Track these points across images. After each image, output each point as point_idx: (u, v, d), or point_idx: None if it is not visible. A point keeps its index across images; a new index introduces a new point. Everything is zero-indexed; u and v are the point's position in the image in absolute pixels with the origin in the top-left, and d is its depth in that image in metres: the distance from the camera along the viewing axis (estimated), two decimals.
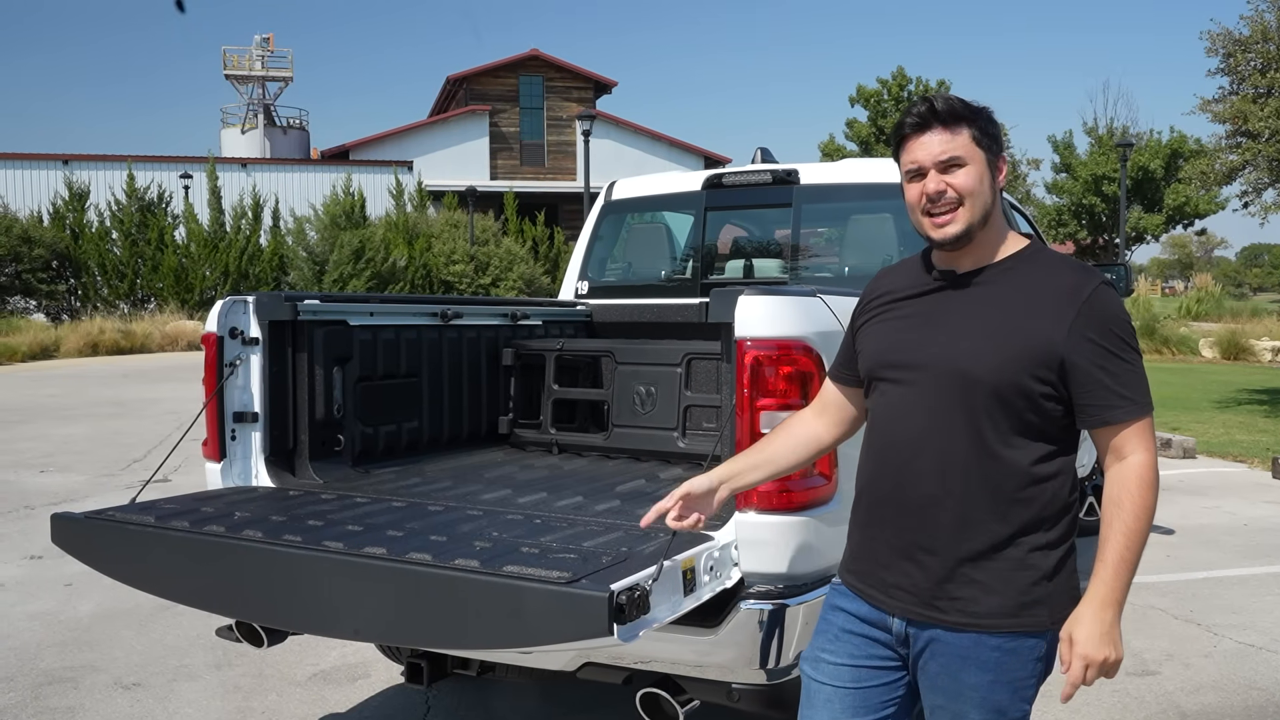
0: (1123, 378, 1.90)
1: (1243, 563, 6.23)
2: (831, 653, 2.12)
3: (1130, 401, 1.90)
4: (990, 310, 1.97)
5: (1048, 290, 1.94)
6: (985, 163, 1.99)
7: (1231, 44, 12.54)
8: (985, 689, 1.96)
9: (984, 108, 2.02)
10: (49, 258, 26.84)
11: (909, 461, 2.00)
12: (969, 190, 1.97)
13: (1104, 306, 1.92)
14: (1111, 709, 4.05)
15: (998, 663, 1.95)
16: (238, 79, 41.10)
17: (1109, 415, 1.91)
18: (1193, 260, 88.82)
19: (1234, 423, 12.11)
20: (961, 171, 1.97)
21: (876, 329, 2.13)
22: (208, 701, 4.13)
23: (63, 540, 3.01)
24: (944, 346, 1.98)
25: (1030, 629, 1.95)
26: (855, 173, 4.88)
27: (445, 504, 3.19)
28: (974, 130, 1.98)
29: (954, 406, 1.95)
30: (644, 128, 37.16)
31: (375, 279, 26.00)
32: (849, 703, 2.08)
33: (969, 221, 1.97)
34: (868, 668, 2.08)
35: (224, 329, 3.46)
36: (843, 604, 2.15)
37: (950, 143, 1.97)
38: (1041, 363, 1.90)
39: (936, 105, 1.98)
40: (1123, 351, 1.91)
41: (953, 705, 2.00)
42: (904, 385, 2.03)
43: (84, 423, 11.98)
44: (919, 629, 2.02)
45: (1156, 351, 22.38)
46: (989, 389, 1.92)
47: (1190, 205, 34.92)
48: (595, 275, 5.38)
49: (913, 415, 2.01)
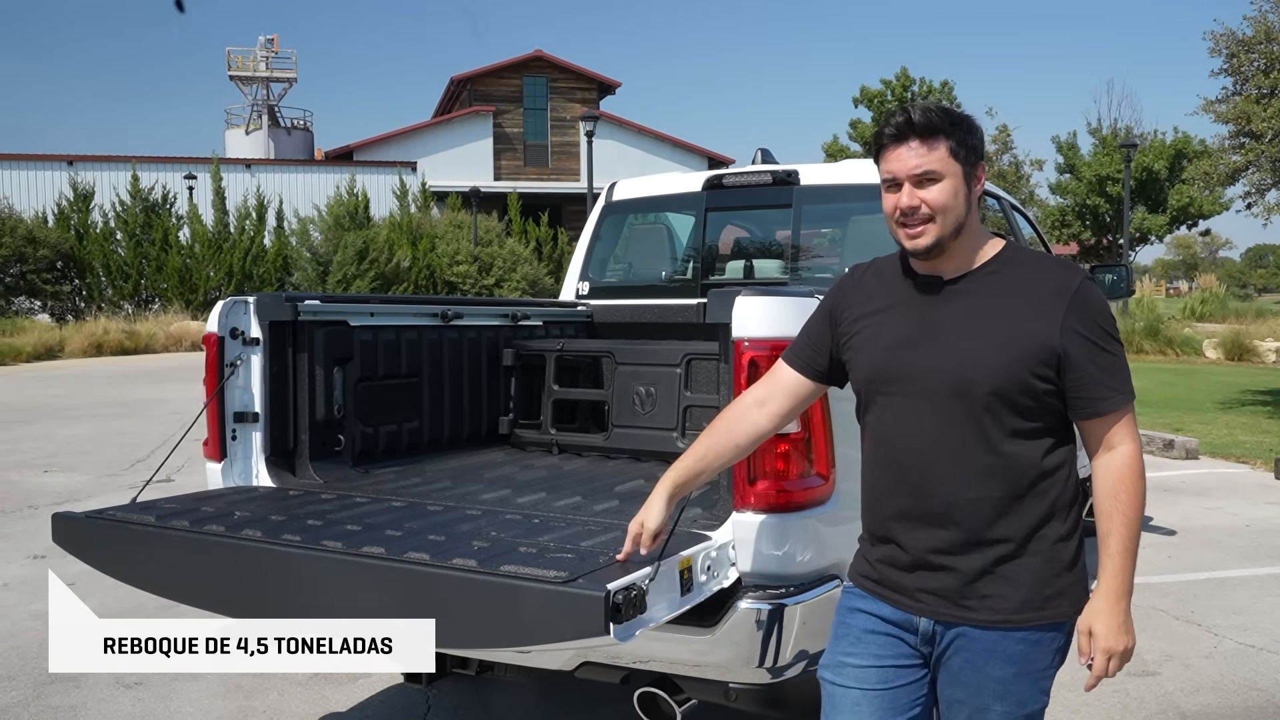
0: (1109, 369, 1.97)
1: (1244, 564, 6.23)
2: (856, 656, 2.11)
3: (1117, 392, 1.97)
4: (985, 314, 1.99)
5: (1036, 289, 1.98)
6: (961, 175, 2.00)
7: (1235, 45, 12.51)
8: (1009, 681, 2.00)
9: (964, 118, 2.03)
10: (54, 258, 26.90)
11: (925, 472, 2.02)
12: (941, 206, 1.98)
13: (1090, 300, 1.97)
14: (1112, 709, 4.05)
15: (1022, 655, 2.00)
16: (242, 80, 41.20)
17: (1100, 406, 1.97)
18: (1197, 261, 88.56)
19: (1237, 424, 12.08)
20: (936, 187, 1.99)
21: (867, 340, 2.12)
22: (209, 701, 4.15)
23: (64, 540, 3.03)
24: (945, 354, 1.99)
25: (1053, 620, 2.00)
26: (855, 174, 4.89)
27: (445, 504, 3.20)
28: (951, 143, 1.99)
29: (962, 412, 1.97)
30: (647, 128, 37.19)
31: (379, 280, 26.04)
32: (878, 704, 2.08)
33: (939, 235, 2.00)
34: (894, 667, 2.09)
35: (225, 329, 3.47)
36: (862, 605, 2.14)
37: (925, 157, 1.98)
38: (1041, 360, 1.94)
39: (914, 117, 1.99)
40: (1108, 344, 1.97)
41: (974, 699, 2.02)
42: (909, 397, 2.04)
43: (88, 423, 12.01)
44: (946, 627, 2.04)
45: (1160, 352, 22.34)
46: (994, 391, 1.95)
47: (1194, 206, 34.84)
48: (596, 276, 5.38)
49: (922, 426, 2.02)
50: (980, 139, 2.05)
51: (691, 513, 2.87)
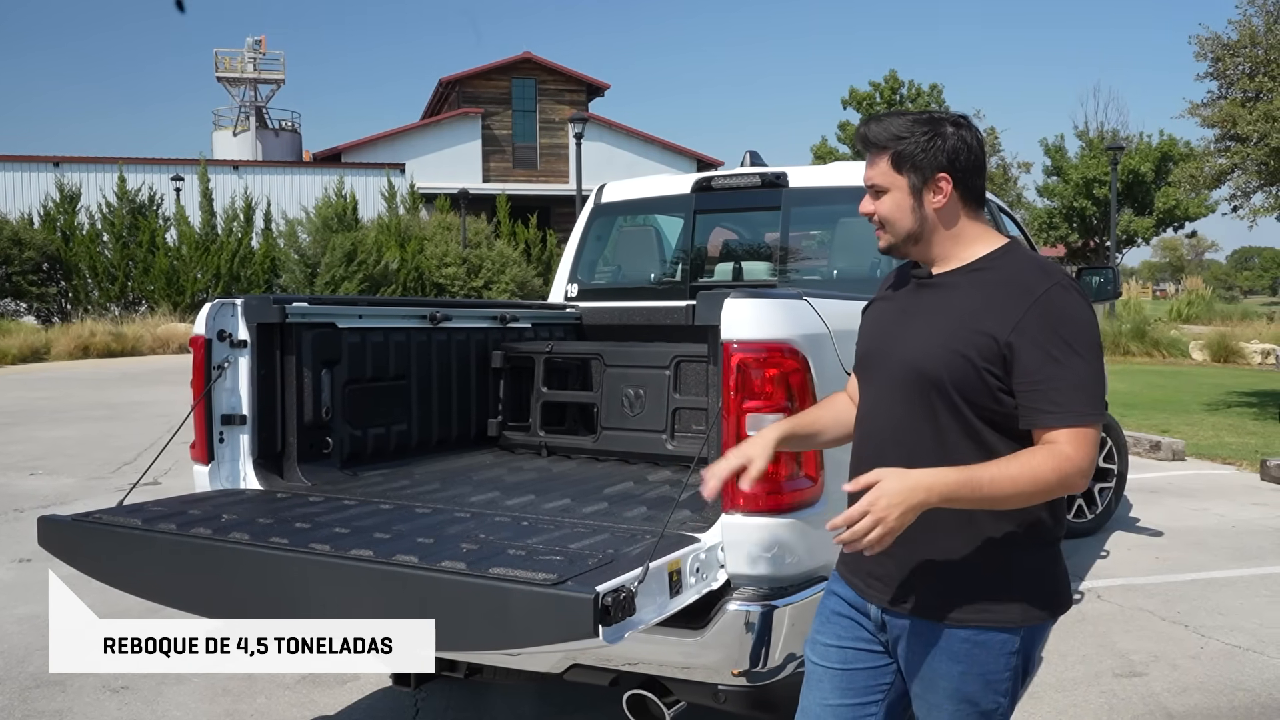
0: (1059, 382, 1.87)
1: (1231, 565, 6.26)
2: (824, 634, 2.20)
3: (1061, 410, 1.87)
4: (947, 309, 2.01)
5: (1005, 287, 1.96)
6: (906, 188, 2.04)
7: (1220, 48, 12.58)
8: (956, 679, 2.00)
9: (915, 128, 2.02)
10: (39, 260, 26.73)
11: (879, 456, 2.02)
12: (885, 217, 2.08)
13: (1055, 307, 1.91)
14: (1099, 710, 4.06)
15: (968, 654, 1.99)
16: (229, 81, 41.08)
17: (1037, 419, 1.90)
18: (1183, 263, 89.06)
19: (1223, 425, 12.15)
20: (883, 198, 2.07)
21: (864, 326, 2.22)
22: (196, 704, 4.13)
23: (49, 543, 3.01)
24: (904, 343, 2.05)
25: (999, 624, 1.97)
26: (843, 176, 4.91)
27: (433, 506, 3.20)
28: (890, 156, 2.04)
29: (915, 402, 2.00)
30: (636, 130, 37.22)
31: (367, 282, 25.96)
32: (836, 683, 2.15)
33: (891, 241, 2.10)
34: (853, 649, 2.15)
35: (212, 331, 3.46)
36: (835, 589, 2.23)
37: (872, 170, 2.08)
38: (986, 357, 1.92)
39: (865, 132, 2.08)
40: (1064, 355, 1.88)
41: (927, 694, 2.05)
42: (875, 382, 2.12)
43: (74, 425, 11.94)
44: (894, 617, 2.07)
45: (1147, 354, 22.46)
46: (944, 384, 1.95)
47: (1180, 208, 35.03)
48: (585, 278, 5.39)
49: (881, 411, 2.08)
50: (933, 148, 2.01)
51: (680, 515, 2.88)
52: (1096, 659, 4.61)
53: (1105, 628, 5.03)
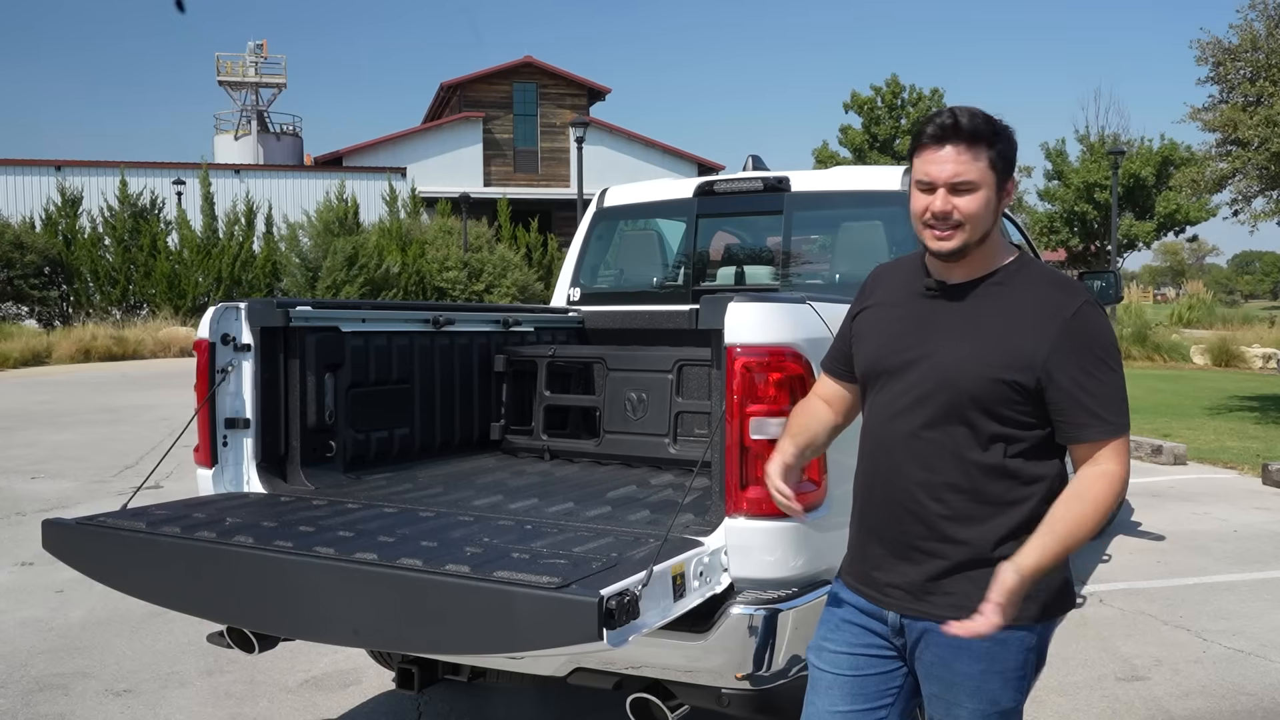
0: (1099, 398, 1.94)
1: (1232, 569, 6.26)
2: (833, 641, 2.20)
3: (1104, 421, 1.94)
4: (980, 322, 2.01)
5: (1035, 305, 1.98)
6: (995, 186, 1.99)
7: (1221, 53, 12.60)
8: (978, 678, 2.02)
9: (1005, 129, 2.00)
10: (41, 264, 26.78)
11: (898, 465, 2.05)
12: (973, 216, 1.97)
13: (1086, 326, 1.96)
14: (1101, 714, 4.06)
15: (988, 653, 2.00)
16: (231, 85, 41.16)
17: (1082, 434, 1.96)
18: (1184, 267, 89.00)
19: (1225, 429, 12.15)
20: (970, 196, 1.97)
21: (872, 329, 2.18)
22: (199, 708, 4.13)
23: (53, 546, 3.01)
24: (931, 354, 2.03)
25: (1020, 623, 1.98)
26: (846, 180, 4.91)
27: (437, 510, 3.20)
28: (992, 154, 1.97)
29: (940, 412, 2.00)
30: (638, 135, 37.24)
31: (368, 285, 25.99)
32: (847, 690, 2.15)
33: (966, 241, 1.99)
34: (865, 655, 2.15)
35: (216, 335, 3.46)
36: (844, 596, 2.22)
37: (966, 165, 1.96)
38: (1022, 375, 1.94)
39: (961, 121, 1.95)
40: (1100, 372, 1.95)
41: (947, 694, 2.06)
42: (894, 390, 2.09)
43: (76, 429, 11.95)
44: (912, 621, 2.08)
45: (1148, 359, 22.47)
46: (972, 396, 1.97)
47: (1181, 212, 35.05)
48: (587, 282, 5.39)
49: (901, 419, 2.06)
50: (1015, 151, 2.03)
51: (684, 519, 2.88)
52: (1099, 663, 4.61)
53: (1108, 632, 5.03)
